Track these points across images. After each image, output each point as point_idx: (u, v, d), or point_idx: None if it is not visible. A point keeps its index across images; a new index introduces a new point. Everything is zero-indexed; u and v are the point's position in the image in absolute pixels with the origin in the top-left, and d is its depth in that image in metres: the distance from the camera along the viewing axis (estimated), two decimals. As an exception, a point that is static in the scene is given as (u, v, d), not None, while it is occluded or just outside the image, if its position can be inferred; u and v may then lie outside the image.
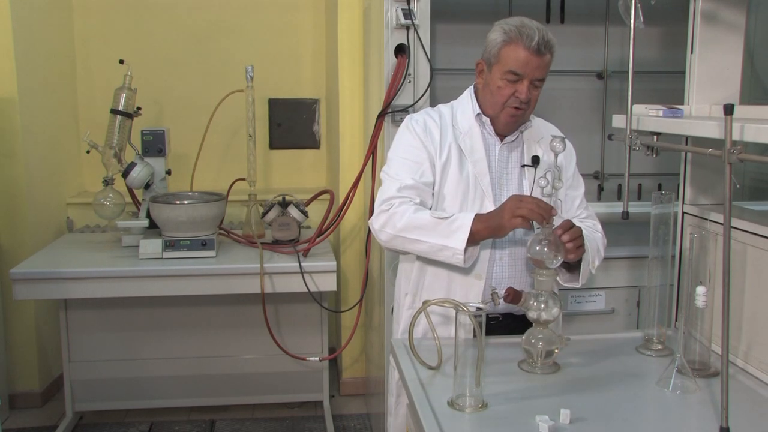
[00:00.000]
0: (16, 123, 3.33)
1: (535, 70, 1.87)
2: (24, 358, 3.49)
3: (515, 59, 1.86)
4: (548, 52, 1.87)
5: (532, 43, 1.84)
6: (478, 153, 1.98)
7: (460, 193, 1.96)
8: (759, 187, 3.01)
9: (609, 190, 3.43)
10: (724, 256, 1.45)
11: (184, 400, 3.39)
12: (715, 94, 2.01)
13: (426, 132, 1.99)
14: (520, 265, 2.00)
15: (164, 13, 3.92)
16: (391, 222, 1.90)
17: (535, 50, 1.84)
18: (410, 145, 1.99)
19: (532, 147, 2.03)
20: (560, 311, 1.76)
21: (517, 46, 1.86)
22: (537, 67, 1.86)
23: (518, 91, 1.88)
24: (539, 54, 1.85)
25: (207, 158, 3.69)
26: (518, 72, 1.87)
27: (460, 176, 1.97)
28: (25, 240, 3.40)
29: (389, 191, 1.94)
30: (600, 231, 2.10)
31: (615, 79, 3.37)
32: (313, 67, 4.04)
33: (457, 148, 1.99)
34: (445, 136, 2.00)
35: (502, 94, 1.90)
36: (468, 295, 1.95)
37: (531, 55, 1.85)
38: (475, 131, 2.00)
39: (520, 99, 1.89)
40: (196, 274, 2.97)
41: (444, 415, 1.48)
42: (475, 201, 1.97)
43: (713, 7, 1.96)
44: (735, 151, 1.44)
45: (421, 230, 1.86)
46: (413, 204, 1.91)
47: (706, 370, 1.70)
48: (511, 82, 1.88)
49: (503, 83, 1.89)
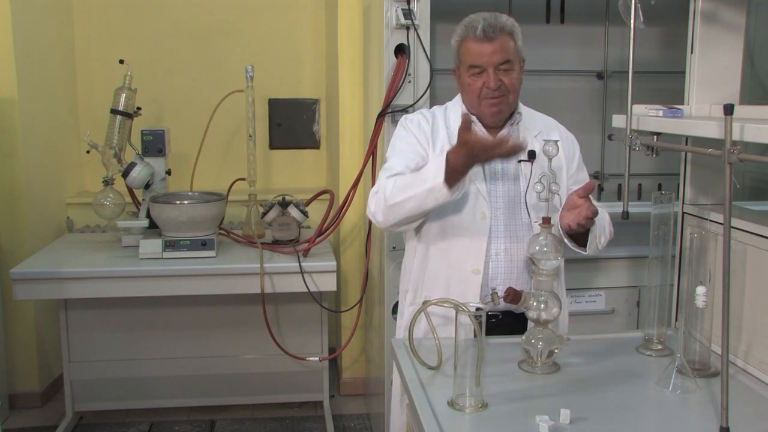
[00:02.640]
0: (16, 123, 3.33)
1: (491, 56, 1.90)
2: (24, 358, 3.49)
3: (469, 53, 1.92)
4: (500, 34, 1.90)
5: (476, 32, 1.89)
6: None
7: None
8: (759, 187, 3.01)
9: (609, 190, 3.42)
10: (724, 256, 1.45)
11: (184, 400, 3.39)
12: (715, 94, 2.01)
13: (419, 129, 2.04)
14: (516, 260, 1.99)
15: (164, 13, 3.92)
16: (380, 198, 1.94)
17: (482, 37, 1.89)
18: (405, 141, 2.04)
19: (529, 141, 2.03)
20: (560, 311, 1.76)
21: (467, 40, 1.92)
22: (492, 52, 1.90)
23: (486, 81, 1.93)
24: (488, 39, 1.89)
25: (207, 158, 3.69)
26: (477, 64, 1.92)
27: None
28: (25, 240, 3.40)
29: (380, 180, 1.99)
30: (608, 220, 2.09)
31: (615, 79, 3.37)
32: (313, 67, 4.04)
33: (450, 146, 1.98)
34: (437, 136, 2.03)
35: (474, 90, 1.95)
36: (467, 290, 1.96)
37: (481, 44, 1.90)
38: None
39: (490, 88, 1.92)
40: (196, 274, 2.97)
41: (444, 415, 1.48)
42: (469, 198, 1.98)
43: (713, 7, 1.96)
44: (735, 151, 1.44)
45: (405, 188, 1.88)
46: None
47: (706, 370, 1.70)
48: (477, 75, 1.93)
49: (471, 79, 1.95)
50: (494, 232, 1.98)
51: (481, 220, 1.97)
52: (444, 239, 2.01)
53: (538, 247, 1.73)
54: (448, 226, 2.00)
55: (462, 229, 1.98)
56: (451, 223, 1.99)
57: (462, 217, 1.98)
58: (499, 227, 1.98)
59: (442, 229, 2.01)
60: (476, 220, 1.98)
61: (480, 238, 1.97)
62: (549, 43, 3.32)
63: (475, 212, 1.98)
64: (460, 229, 1.99)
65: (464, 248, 1.99)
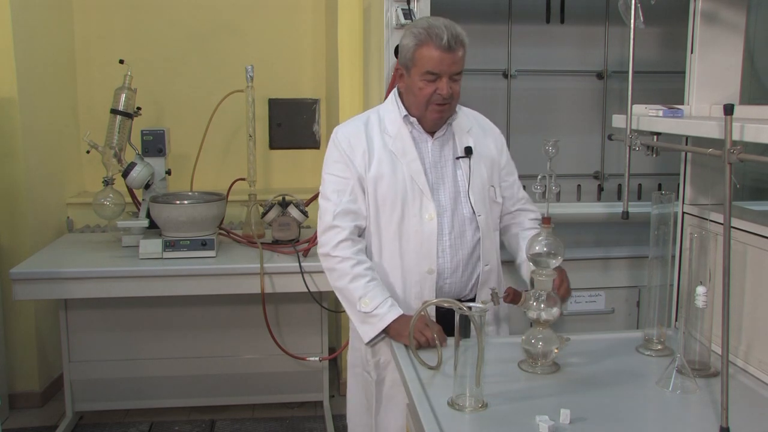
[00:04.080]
0: (16, 123, 3.33)
1: (450, 66, 1.94)
2: (24, 358, 3.49)
3: (429, 60, 1.93)
4: (460, 46, 1.94)
5: (442, 42, 1.91)
6: (410, 154, 2.04)
7: (399, 195, 2.02)
8: (759, 187, 3.00)
9: (609, 190, 3.42)
10: (724, 256, 1.45)
11: (184, 400, 3.38)
12: (715, 94, 2.01)
13: (351, 147, 2.05)
14: (461, 254, 2.05)
15: (164, 13, 3.92)
16: (331, 275, 2.04)
17: (446, 48, 1.91)
18: (337, 162, 2.07)
19: (463, 138, 2.09)
20: (560, 311, 1.76)
21: (429, 47, 1.93)
22: (452, 63, 1.93)
23: (439, 88, 1.96)
24: (451, 50, 1.92)
25: (207, 158, 3.70)
26: (434, 71, 1.94)
27: (395, 179, 2.02)
28: (25, 240, 3.40)
29: (326, 218, 2.04)
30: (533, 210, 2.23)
31: (615, 79, 3.37)
32: (313, 67, 4.04)
33: (388, 153, 2.04)
34: (372, 144, 2.05)
35: (424, 94, 1.97)
36: (423, 289, 2.03)
37: (443, 53, 1.92)
38: (404, 132, 2.05)
39: (442, 96, 1.96)
40: (196, 274, 2.97)
41: (444, 415, 1.48)
42: (415, 200, 2.02)
43: (713, 7, 1.96)
44: (735, 151, 1.44)
45: (346, 302, 2.02)
46: (350, 252, 1.99)
47: (706, 370, 1.70)
48: (431, 82, 1.96)
49: (423, 84, 1.97)
50: (440, 231, 2.03)
51: (429, 221, 2.02)
52: (396, 244, 2.05)
53: (538, 247, 1.73)
54: (399, 231, 2.04)
55: (412, 233, 2.03)
56: (402, 228, 2.03)
57: (410, 221, 2.03)
58: (443, 225, 2.04)
59: (393, 234, 2.04)
60: (424, 221, 2.02)
61: (430, 239, 2.02)
62: (549, 43, 3.32)
63: (423, 214, 2.02)
64: (410, 233, 2.03)
65: (416, 250, 2.03)
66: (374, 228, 2.05)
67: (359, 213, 2.04)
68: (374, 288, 1.96)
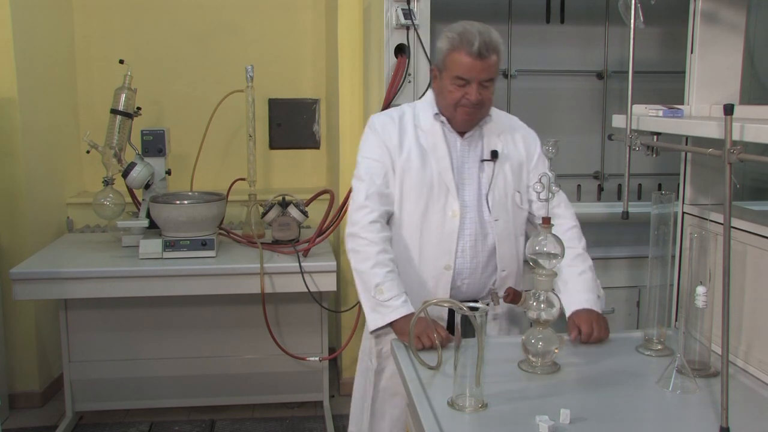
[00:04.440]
0: (16, 123, 3.33)
1: (480, 73, 1.94)
2: (24, 358, 3.49)
3: (460, 65, 1.94)
4: (492, 53, 1.93)
5: (472, 48, 1.91)
6: (440, 150, 2.06)
7: (425, 190, 2.04)
8: (759, 187, 3.00)
9: (609, 190, 3.43)
10: (724, 256, 1.45)
11: (184, 400, 3.38)
12: (715, 94, 2.01)
13: (384, 131, 2.08)
14: (480, 256, 2.06)
15: (164, 13, 3.92)
16: (355, 257, 2.03)
17: (477, 54, 1.91)
18: (373, 146, 2.09)
19: (492, 141, 2.09)
20: (560, 311, 1.76)
21: (460, 52, 1.93)
22: (482, 70, 1.94)
23: (468, 93, 1.96)
24: (481, 58, 1.92)
25: (207, 158, 3.69)
26: (464, 77, 1.95)
27: (424, 173, 2.04)
28: (25, 240, 3.39)
29: (358, 198, 2.05)
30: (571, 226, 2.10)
31: (615, 79, 3.37)
32: (313, 67, 4.04)
33: (419, 147, 2.06)
34: (404, 136, 2.08)
35: (453, 98, 1.99)
36: (438, 285, 2.04)
37: (474, 60, 1.92)
38: (436, 129, 2.07)
39: (470, 101, 1.97)
40: (196, 274, 2.97)
41: (444, 415, 1.48)
42: (440, 197, 2.04)
43: (713, 7, 1.96)
44: (735, 151, 1.44)
45: (362, 286, 2.00)
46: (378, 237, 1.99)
47: (706, 370, 1.70)
48: (460, 86, 1.97)
49: (453, 87, 1.98)
50: (461, 230, 2.04)
51: (452, 218, 2.04)
52: (416, 237, 2.07)
53: (538, 247, 1.73)
54: (421, 225, 2.06)
55: (433, 227, 2.05)
56: (424, 222, 2.05)
57: (434, 215, 2.04)
58: (466, 225, 2.05)
59: (415, 227, 2.06)
60: (447, 218, 2.04)
61: (450, 236, 2.04)
62: (549, 43, 3.32)
63: (446, 210, 2.04)
64: (431, 227, 2.05)
65: (435, 245, 2.05)
66: (397, 218, 2.08)
67: (390, 198, 2.06)
68: (393, 279, 1.97)
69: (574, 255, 2.04)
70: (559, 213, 2.09)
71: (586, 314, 1.93)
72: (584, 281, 2.01)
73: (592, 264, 2.07)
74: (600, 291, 2.05)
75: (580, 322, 1.91)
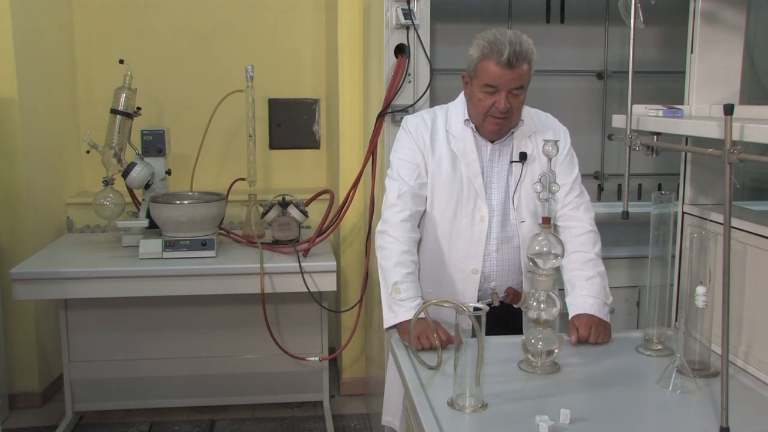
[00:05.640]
0: (16, 123, 3.33)
1: (510, 82, 1.94)
2: (24, 358, 3.49)
3: (489, 74, 1.94)
4: (522, 62, 1.93)
5: (502, 57, 1.90)
6: (470, 155, 2.06)
7: (455, 193, 2.05)
8: (759, 187, 3.00)
9: (609, 190, 3.43)
10: (724, 256, 1.45)
11: (184, 400, 3.38)
12: (715, 94, 2.01)
13: (417, 133, 2.09)
14: (507, 259, 2.08)
15: (164, 13, 3.92)
16: (381, 253, 2.05)
17: (506, 64, 1.91)
18: (406, 147, 2.10)
19: (522, 142, 2.09)
20: (559, 311, 1.76)
21: (490, 61, 1.93)
22: (511, 79, 1.93)
23: (497, 102, 1.96)
24: (511, 67, 1.91)
25: (207, 158, 3.69)
26: (493, 85, 1.94)
27: (454, 177, 2.05)
28: (25, 240, 3.39)
29: (391, 196, 2.06)
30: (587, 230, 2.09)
31: (615, 79, 3.38)
32: (313, 67, 4.04)
33: (449, 151, 2.07)
34: (435, 139, 2.08)
35: (483, 106, 1.99)
36: (466, 288, 2.06)
37: (503, 69, 1.92)
38: (467, 133, 2.08)
39: (499, 110, 1.96)
40: (196, 274, 2.97)
41: (444, 415, 1.48)
42: (470, 201, 2.05)
43: (713, 7, 1.96)
44: (735, 151, 1.44)
45: (384, 283, 2.02)
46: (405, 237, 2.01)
47: (706, 370, 1.71)
48: (490, 94, 1.97)
49: (482, 95, 1.98)
50: (489, 233, 2.05)
51: (480, 222, 2.05)
52: (444, 241, 2.08)
53: (538, 247, 1.73)
54: (449, 229, 2.07)
55: (462, 231, 2.06)
56: (452, 226, 2.06)
57: (462, 219, 2.05)
58: (492, 228, 2.06)
59: (443, 231, 2.08)
60: (476, 222, 2.05)
61: (479, 239, 2.05)
62: (549, 43, 3.32)
63: (475, 214, 2.05)
64: (460, 231, 2.06)
65: (464, 249, 2.06)
66: (426, 220, 2.09)
67: (422, 198, 2.07)
68: (413, 281, 1.98)
69: (585, 260, 2.05)
70: (577, 216, 2.10)
71: (587, 318, 1.93)
72: (591, 286, 2.01)
73: (603, 271, 2.06)
74: (608, 298, 2.04)
75: (579, 325, 1.91)
